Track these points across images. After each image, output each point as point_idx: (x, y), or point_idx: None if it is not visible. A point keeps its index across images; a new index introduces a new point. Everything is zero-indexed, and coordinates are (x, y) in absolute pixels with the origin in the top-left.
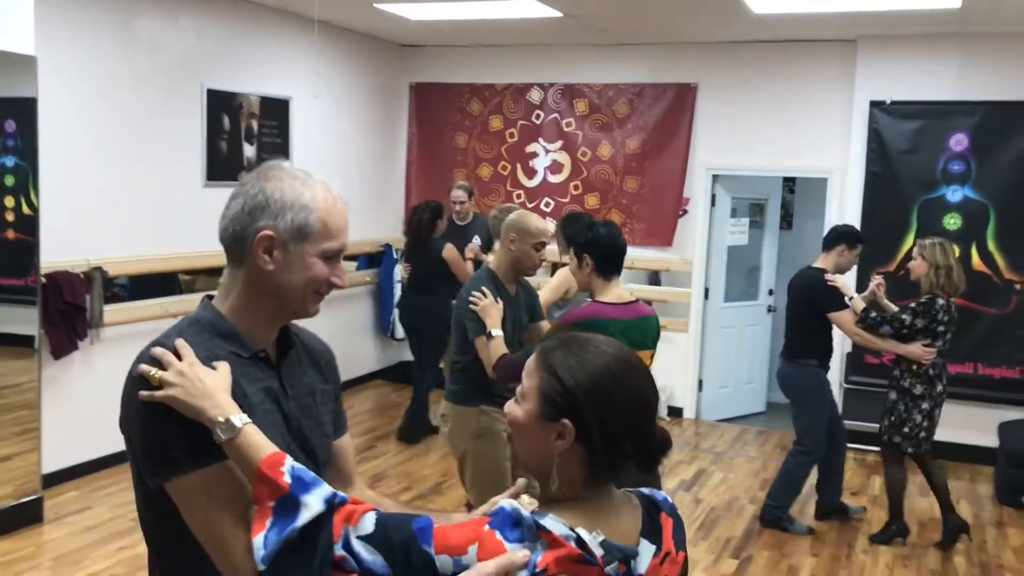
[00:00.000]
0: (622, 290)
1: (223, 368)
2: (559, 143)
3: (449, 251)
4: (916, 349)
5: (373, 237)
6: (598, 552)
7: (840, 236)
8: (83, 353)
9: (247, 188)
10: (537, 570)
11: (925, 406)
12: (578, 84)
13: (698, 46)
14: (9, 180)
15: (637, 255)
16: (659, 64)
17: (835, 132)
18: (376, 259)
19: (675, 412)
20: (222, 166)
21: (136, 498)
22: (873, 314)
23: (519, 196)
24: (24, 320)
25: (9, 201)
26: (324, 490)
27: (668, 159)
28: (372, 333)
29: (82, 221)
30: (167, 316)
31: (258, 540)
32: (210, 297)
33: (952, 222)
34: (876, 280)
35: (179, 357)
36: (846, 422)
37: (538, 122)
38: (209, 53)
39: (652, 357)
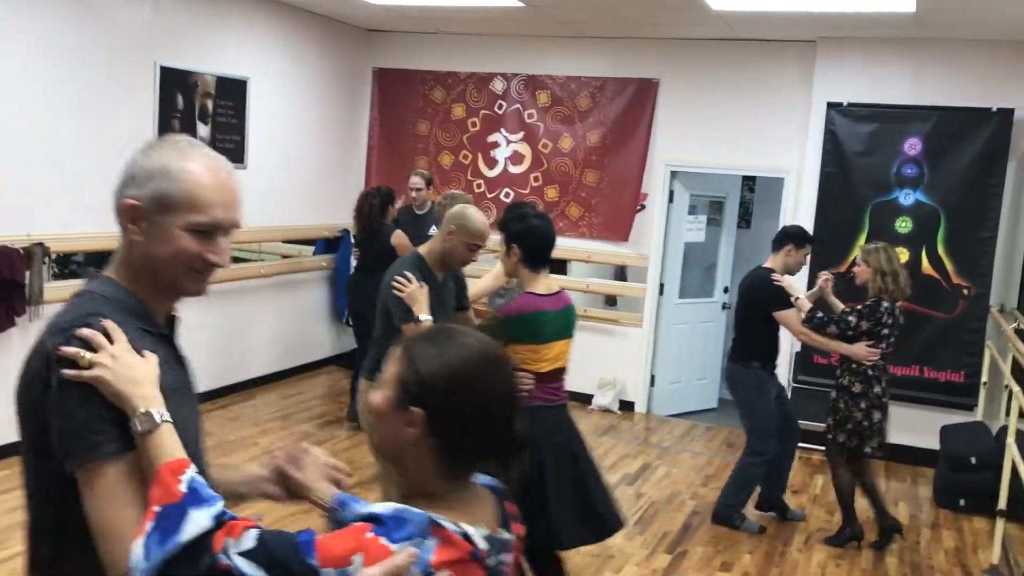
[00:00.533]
0: (549, 280)
1: (152, 359)
2: (521, 134)
3: (398, 237)
4: (860, 349)
5: (331, 222)
6: (483, 546)
7: (787, 236)
8: (20, 329)
9: (131, 158)
10: (431, 569)
11: (863, 404)
12: (541, 76)
13: (660, 42)
14: None
15: (594, 249)
16: (621, 58)
17: (793, 132)
18: (333, 244)
19: (626, 406)
20: None
21: (31, 486)
22: (819, 314)
23: (479, 186)
24: None
25: None
26: (216, 508)
27: (627, 154)
28: (327, 319)
29: (24, 196)
30: None
31: (138, 547)
32: (98, 270)
33: (903, 226)
34: (824, 276)
35: (109, 340)
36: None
37: (500, 112)
38: (164, 30)
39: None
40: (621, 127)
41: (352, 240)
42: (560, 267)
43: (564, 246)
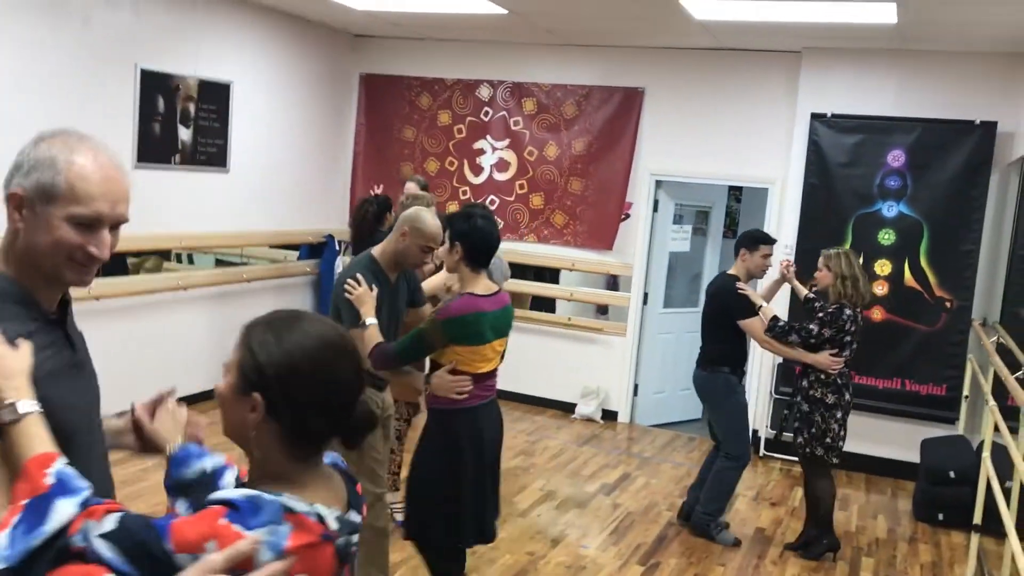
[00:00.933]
0: (487, 280)
1: (24, 349)
2: (506, 141)
3: None
4: (824, 358)
5: (315, 227)
6: (334, 527)
7: (740, 241)
8: None
9: (22, 148)
10: (283, 554)
11: (839, 415)
12: (527, 83)
13: (646, 51)
14: None
15: (578, 257)
16: (607, 67)
17: (777, 143)
18: (318, 249)
19: (609, 416)
20: (154, 148)
21: None
22: (781, 322)
23: (465, 192)
24: None
25: None
26: (82, 496)
27: (613, 162)
28: None
29: None
30: (88, 298)
31: (2, 538)
32: None
33: (886, 237)
34: (784, 262)
35: None
36: (775, 432)
37: (486, 119)
38: (146, 33)
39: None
40: (606, 135)
41: (337, 246)
42: (552, 276)
43: (549, 254)
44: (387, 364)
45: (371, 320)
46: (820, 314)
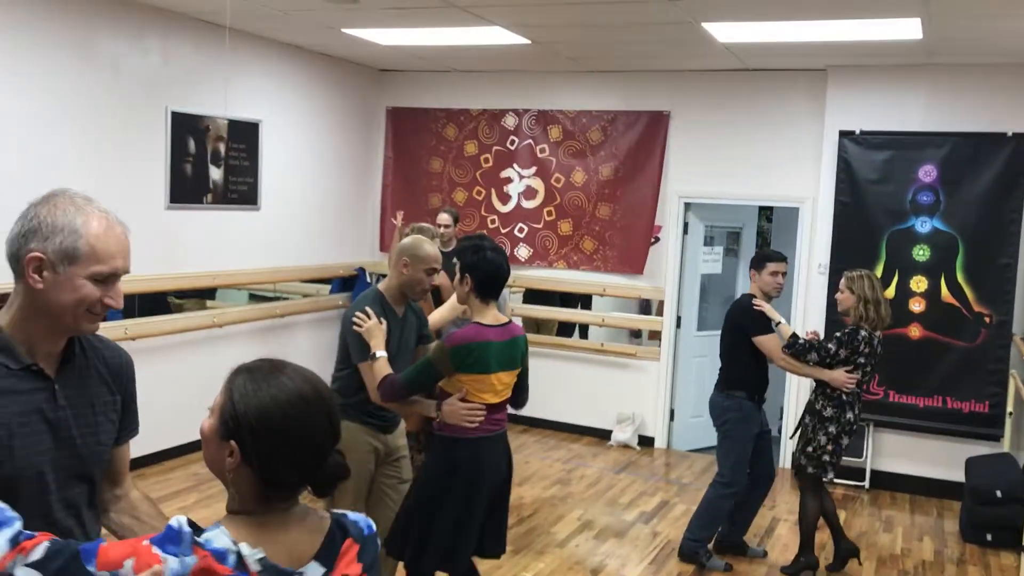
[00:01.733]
0: (497, 312)
1: None
2: (533, 169)
3: (441, 278)
4: (839, 375)
5: (346, 261)
6: (254, 568)
7: (750, 263)
8: None
9: (26, 212)
10: None
11: (832, 429)
12: (552, 111)
13: (670, 74)
14: None
15: (609, 282)
16: (632, 92)
17: (806, 161)
18: (349, 282)
19: (646, 441)
20: (186, 189)
21: None
22: (801, 340)
23: (493, 221)
24: None
25: None
26: (12, 529)
27: (640, 186)
28: None
29: None
30: (125, 338)
31: None
32: None
33: (921, 253)
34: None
35: None
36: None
37: (512, 148)
38: (175, 76)
39: (522, 374)
40: (633, 160)
41: (368, 278)
42: (585, 302)
43: (579, 280)
44: (396, 395)
45: (381, 353)
46: (837, 333)
